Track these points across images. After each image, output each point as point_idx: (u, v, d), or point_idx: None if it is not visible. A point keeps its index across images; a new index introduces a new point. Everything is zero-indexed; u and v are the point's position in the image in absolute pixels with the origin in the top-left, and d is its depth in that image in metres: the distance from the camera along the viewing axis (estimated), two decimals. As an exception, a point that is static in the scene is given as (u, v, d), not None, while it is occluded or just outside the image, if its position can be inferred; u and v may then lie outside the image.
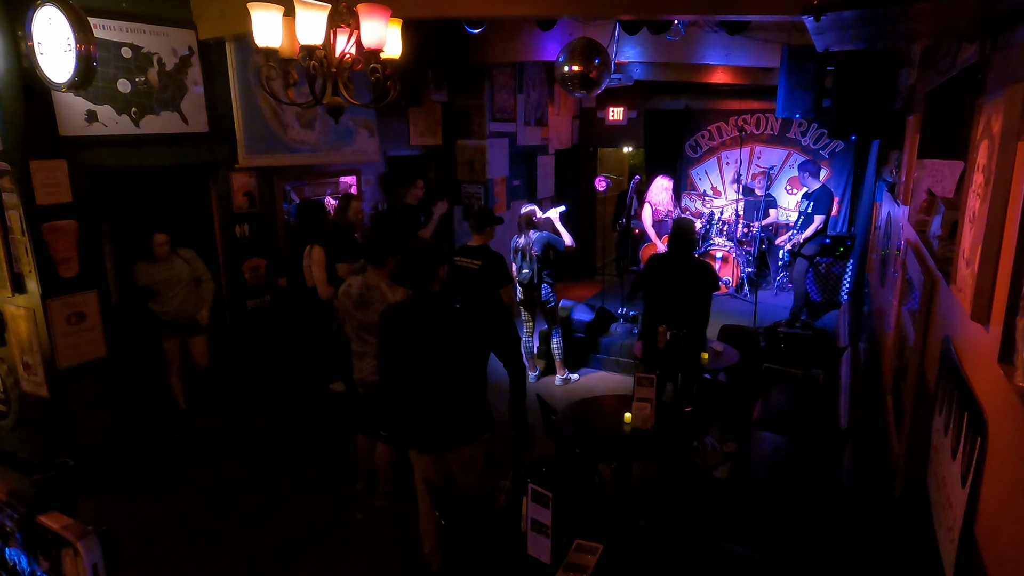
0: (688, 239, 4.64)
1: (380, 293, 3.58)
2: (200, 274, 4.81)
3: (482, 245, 4.67)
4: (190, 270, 4.76)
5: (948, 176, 2.57)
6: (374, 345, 3.53)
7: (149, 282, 4.60)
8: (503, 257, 4.69)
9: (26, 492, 1.45)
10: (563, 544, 2.37)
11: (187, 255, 4.77)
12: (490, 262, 4.58)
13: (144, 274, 4.61)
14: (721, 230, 7.76)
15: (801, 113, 5.03)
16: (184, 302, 4.72)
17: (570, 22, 5.81)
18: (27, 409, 4.16)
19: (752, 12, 3.56)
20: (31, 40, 3.39)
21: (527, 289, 5.56)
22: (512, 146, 7.63)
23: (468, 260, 4.66)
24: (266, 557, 3.56)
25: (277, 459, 4.58)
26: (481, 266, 4.58)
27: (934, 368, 1.91)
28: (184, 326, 4.78)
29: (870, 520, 2.55)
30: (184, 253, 4.75)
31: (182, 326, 4.78)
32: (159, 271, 4.61)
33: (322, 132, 5.50)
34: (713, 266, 4.91)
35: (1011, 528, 1.12)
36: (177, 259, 4.71)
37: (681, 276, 4.60)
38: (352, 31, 2.50)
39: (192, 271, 4.77)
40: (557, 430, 3.54)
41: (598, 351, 6.32)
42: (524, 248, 5.43)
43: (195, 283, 4.78)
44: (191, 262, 4.78)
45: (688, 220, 4.92)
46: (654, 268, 4.92)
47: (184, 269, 4.73)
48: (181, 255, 4.73)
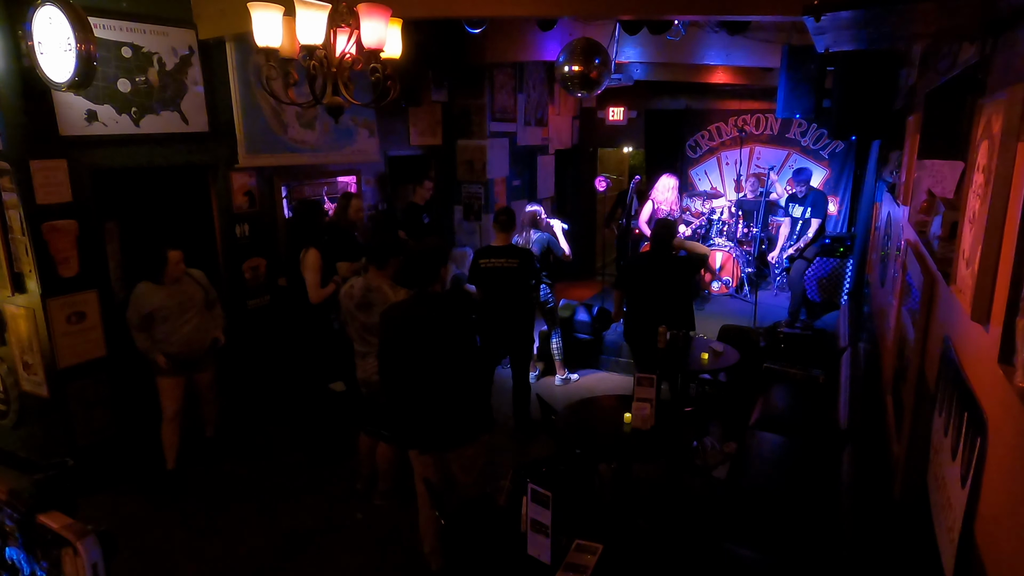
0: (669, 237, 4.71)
1: (382, 295, 3.58)
2: (214, 297, 4.30)
3: (509, 244, 4.70)
4: (204, 293, 4.22)
5: (948, 176, 2.57)
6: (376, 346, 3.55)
7: (157, 307, 3.96)
8: (532, 253, 4.83)
9: (26, 492, 1.45)
10: (563, 544, 2.37)
11: (198, 276, 4.23)
12: (526, 259, 4.64)
13: (151, 298, 3.95)
14: (721, 230, 7.76)
15: (801, 113, 5.03)
16: (196, 331, 4.12)
17: (570, 22, 5.81)
18: (27, 409, 4.16)
19: (752, 12, 3.56)
20: (31, 40, 3.39)
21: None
22: (512, 146, 7.63)
23: (503, 260, 4.64)
24: (266, 557, 3.56)
25: (277, 459, 4.58)
26: (520, 264, 4.61)
27: (934, 368, 1.91)
28: (192, 360, 4.18)
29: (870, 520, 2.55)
30: (195, 274, 4.22)
31: (190, 360, 4.17)
32: (170, 295, 4.00)
33: (322, 132, 5.50)
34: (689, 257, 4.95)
35: (1011, 529, 1.12)
36: (190, 280, 4.15)
37: (660, 275, 4.65)
38: (352, 31, 2.50)
39: (206, 294, 4.24)
40: (557, 430, 3.54)
41: (598, 351, 6.32)
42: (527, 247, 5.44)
43: (207, 307, 4.24)
44: (202, 283, 4.24)
45: (668, 220, 5.00)
46: (633, 268, 4.96)
47: (197, 292, 4.16)
48: (193, 276, 4.19)
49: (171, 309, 4.00)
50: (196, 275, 4.20)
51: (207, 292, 4.24)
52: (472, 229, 7.32)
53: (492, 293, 4.71)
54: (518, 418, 4.93)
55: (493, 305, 4.70)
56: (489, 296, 4.73)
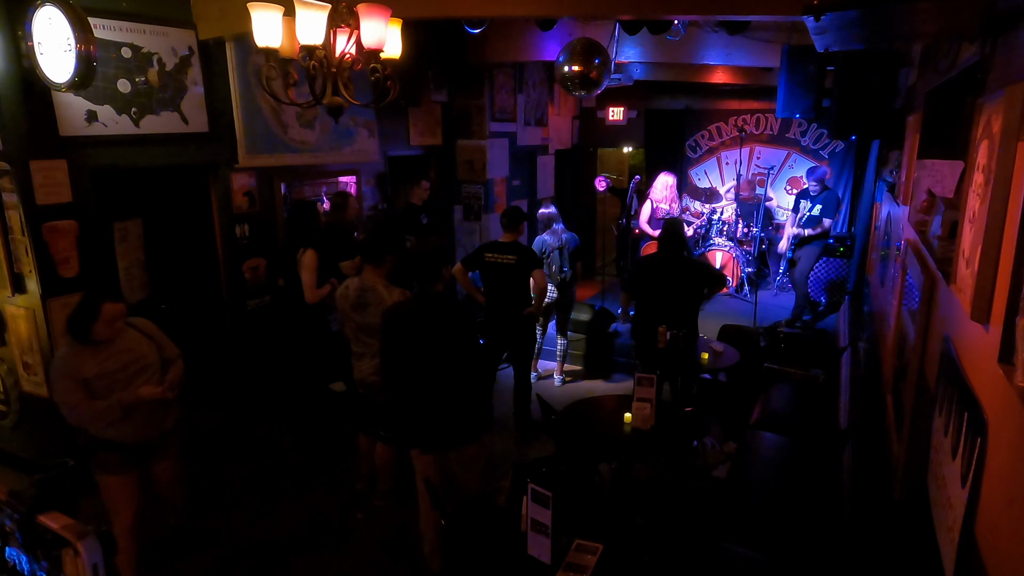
0: (678, 239, 4.69)
1: (377, 294, 3.57)
2: (169, 354, 3.14)
3: (514, 241, 4.73)
4: (156, 350, 3.07)
5: (948, 176, 2.57)
6: (373, 346, 3.55)
7: (93, 376, 2.81)
8: (533, 250, 4.88)
9: (26, 492, 1.45)
10: (563, 544, 2.38)
11: (146, 327, 3.11)
12: (524, 255, 4.67)
13: (83, 365, 2.80)
14: (721, 230, 7.76)
15: (801, 113, 5.03)
16: (151, 405, 2.96)
17: (570, 22, 5.81)
18: (27, 409, 4.16)
19: (752, 12, 3.56)
20: (31, 40, 3.39)
21: (561, 289, 5.60)
22: (512, 146, 7.63)
23: (503, 256, 4.68)
24: (266, 557, 3.56)
25: (277, 459, 4.58)
26: (517, 260, 4.64)
27: (934, 368, 1.91)
28: (148, 444, 3.05)
29: (870, 520, 2.55)
30: (141, 324, 3.10)
31: (145, 445, 3.04)
32: (109, 358, 2.86)
33: (322, 132, 5.50)
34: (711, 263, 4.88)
35: (1011, 528, 1.12)
36: (135, 334, 3.01)
37: (672, 276, 4.63)
38: (352, 31, 2.50)
39: (160, 350, 3.09)
40: (557, 430, 3.54)
41: (598, 351, 6.31)
42: (561, 246, 5.49)
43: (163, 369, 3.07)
44: (154, 337, 3.10)
45: (678, 220, 4.98)
46: (644, 269, 4.94)
47: (147, 349, 3.02)
48: (138, 327, 3.06)
49: (115, 377, 2.87)
50: (142, 325, 3.10)
51: (161, 347, 3.11)
52: (472, 229, 7.32)
53: (493, 288, 4.75)
54: (518, 418, 4.94)
55: (494, 300, 4.74)
56: (490, 291, 4.77)
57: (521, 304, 4.71)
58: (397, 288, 3.62)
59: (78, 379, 2.79)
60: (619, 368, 6.19)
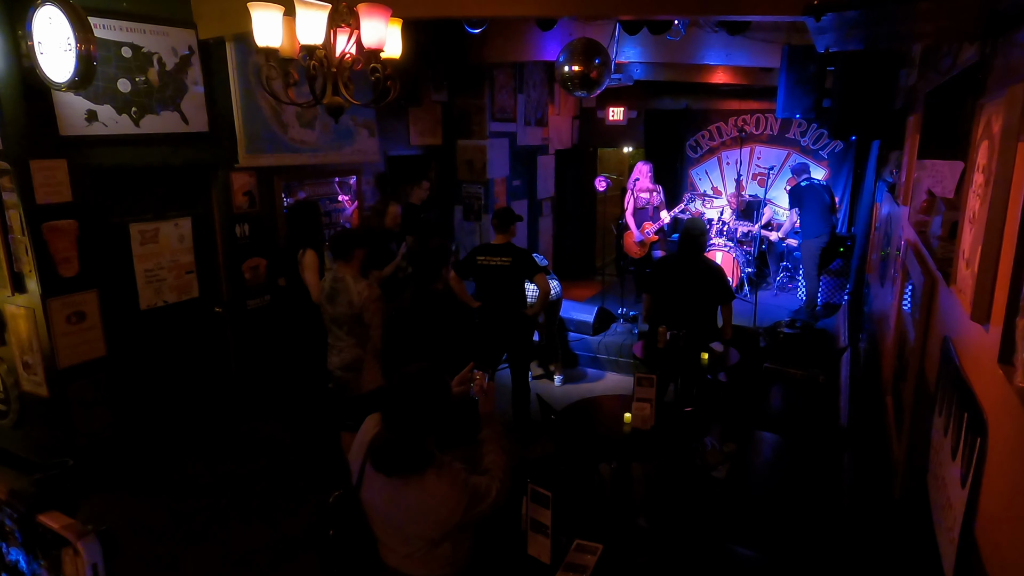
0: (697, 241, 4.59)
1: (345, 284, 3.74)
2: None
3: (507, 243, 4.70)
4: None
5: (948, 176, 2.57)
6: (342, 338, 3.79)
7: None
8: (530, 252, 4.80)
9: (26, 491, 1.45)
10: (563, 544, 2.37)
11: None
12: (519, 258, 4.64)
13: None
14: (721, 230, 7.75)
15: (801, 113, 5.03)
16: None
17: (570, 22, 5.81)
18: (27, 408, 4.16)
19: (752, 12, 3.56)
20: (31, 40, 3.39)
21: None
22: (512, 146, 7.63)
23: (496, 258, 4.64)
24: (265, 557, 3.56)
25: (277, 459, 4.58)
26: (511, 262, 4.61)
27: (934, 368, 1.91)
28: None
29: (870, 520, 2.55)
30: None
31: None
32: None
33: (322, 132, 5.50)
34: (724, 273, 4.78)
35: (1011, 528, 1.12)
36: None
37: (688, 278, 4.59)
38: (352, 31, 2.50)
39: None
40: (557, 430, 3.54)
41: (598, 351, 6.32)
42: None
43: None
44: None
45: (698, 221, 4.86)
46: (661, 270, 4.91)
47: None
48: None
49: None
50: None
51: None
52: (472, 229, 7.32)
53: (487, 290, 4.74)
54: (518, 418, 4.93)
55: (489, 303, 4.72)
56: (484, 294, 4.75)
57: (516, 306, 4.68)
58: (363, 280, 3.78)
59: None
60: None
